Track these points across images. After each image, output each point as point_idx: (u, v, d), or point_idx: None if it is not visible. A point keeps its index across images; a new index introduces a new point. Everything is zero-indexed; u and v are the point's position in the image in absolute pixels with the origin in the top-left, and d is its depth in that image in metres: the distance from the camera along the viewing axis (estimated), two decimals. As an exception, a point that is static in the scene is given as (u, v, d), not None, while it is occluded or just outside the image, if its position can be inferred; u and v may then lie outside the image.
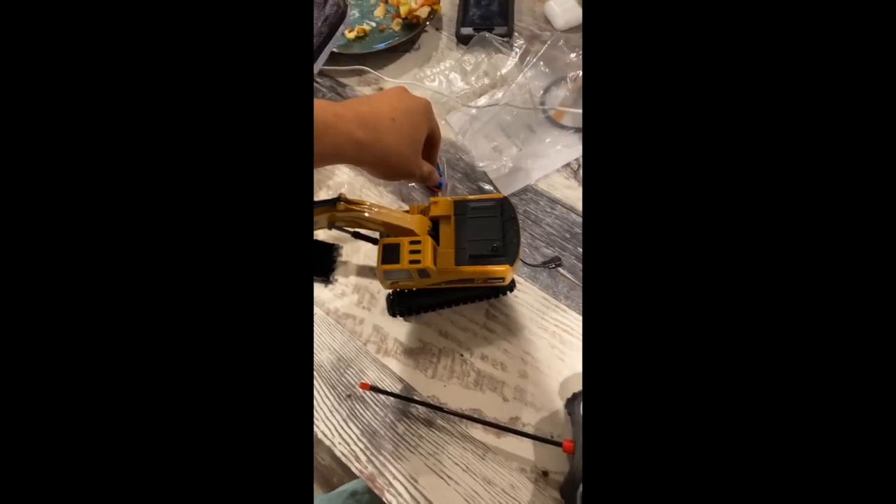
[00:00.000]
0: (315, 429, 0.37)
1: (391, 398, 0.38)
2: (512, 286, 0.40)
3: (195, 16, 0.16)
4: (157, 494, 0.15)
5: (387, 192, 0.48)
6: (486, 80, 0.53)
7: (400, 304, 0.40)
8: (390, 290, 0.40)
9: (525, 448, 0.35)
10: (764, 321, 0.15)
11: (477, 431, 0.36)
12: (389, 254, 0.33)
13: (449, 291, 0.39)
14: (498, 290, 0.40)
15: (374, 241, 0.36)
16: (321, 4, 0.50)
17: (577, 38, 0.52)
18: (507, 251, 0.34)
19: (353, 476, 0.42)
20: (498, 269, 0.33)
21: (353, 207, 0.32)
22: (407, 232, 0.34)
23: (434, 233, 0.36)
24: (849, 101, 0.14)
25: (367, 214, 0.32)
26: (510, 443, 0.35)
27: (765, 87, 0.15)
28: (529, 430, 0.35)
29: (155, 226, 0.16)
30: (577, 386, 0.37)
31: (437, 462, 0.35)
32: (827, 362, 0.14)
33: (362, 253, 0.45)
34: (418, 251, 0.33)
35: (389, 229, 0.34)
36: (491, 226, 0.35)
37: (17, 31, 0.15)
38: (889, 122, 0.14)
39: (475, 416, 0.36)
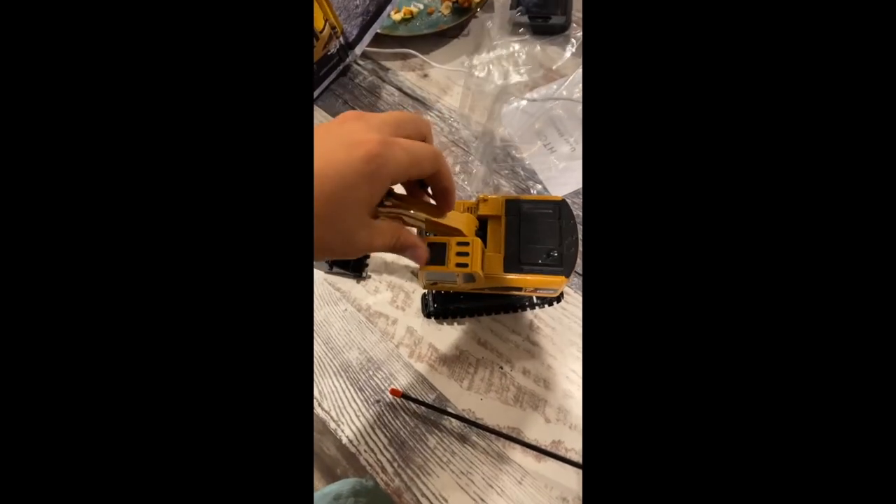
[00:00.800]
0: (340, 434, 0.35)
1: (423, 408, 0.35)
2: (560, 297, 0.37)
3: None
4: (154, 487, 0.15)
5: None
6: (540, 72, 0.50)
7: (436, 306, 0.37)
8: (427, 291, 0.37)
9: (567, 475, 0.32)
10: (766, 334, 0.14)
11: (515, 452, 0.33)
12: (434, 254, 0.30)
13: (491, 297, 0.36)
14: (544, 300, 0.37)
15: None
16: (371, -19, 0.47)
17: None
18: (563, 261, 0.30)
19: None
20: (552, 279, 0.30)
21: (400, 203, 0.29)
22: (453, 231, 0.31)
23: (481, 233, 0.33)
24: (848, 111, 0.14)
25: (412, 210, 0.30)
26: (551, 468, 0.32)
27: (772, 82, 0.15)
28: (573, 456, 0.32)
29: (153, 211, 0.15)
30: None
31: (470, 482, 0.33)
32: (827, 366, 0.14)
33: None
34: (466, 253, 0.30)
35: (434, 227, 0.31)
36: (547, 231, 0.32)
37: (16, 30, 0.14)
38: (889, 122, 0.14)
39: (514, 435, 0.33)
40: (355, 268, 0.41)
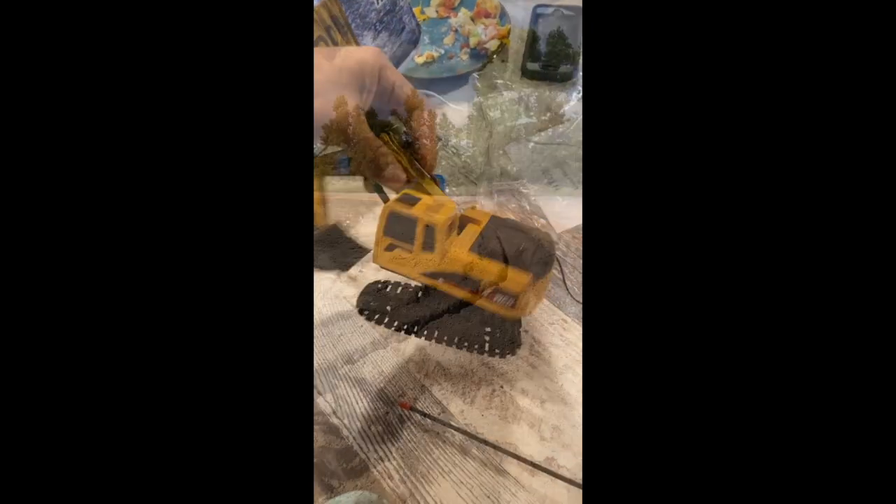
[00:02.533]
0: (352, 441, 0.38)
1: (429, 420, 0.38)
2: (514, 347, 0.39)
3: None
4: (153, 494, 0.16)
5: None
6: (547, 116, 0.54)
7: (377, 304, 0.40)
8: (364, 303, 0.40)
9: (559, 491, 0.35)
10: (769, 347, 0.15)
11: (511, 466, 0.36)
12: (400, 212, 0.31)
13: (440, 300, 0.37)
14: (494, 345, 0.39)
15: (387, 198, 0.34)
16: (399, 32, 0.52)
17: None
18: (530, 263, 0.30)
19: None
20: (514, 274, 0.30)
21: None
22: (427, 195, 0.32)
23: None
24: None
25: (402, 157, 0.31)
26: (544, 483, 0.35)
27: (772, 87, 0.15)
28: (565, 473, 0.35)
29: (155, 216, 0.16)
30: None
31: (469, 492, 0.35)
32: (830, 384, 0.14)
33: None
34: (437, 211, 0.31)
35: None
36: (521, 238, 0.32)
37: (17, 31, 0.15)
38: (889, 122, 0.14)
39: (510, 450, 0.36)
40: (341, 264, 0.41)
